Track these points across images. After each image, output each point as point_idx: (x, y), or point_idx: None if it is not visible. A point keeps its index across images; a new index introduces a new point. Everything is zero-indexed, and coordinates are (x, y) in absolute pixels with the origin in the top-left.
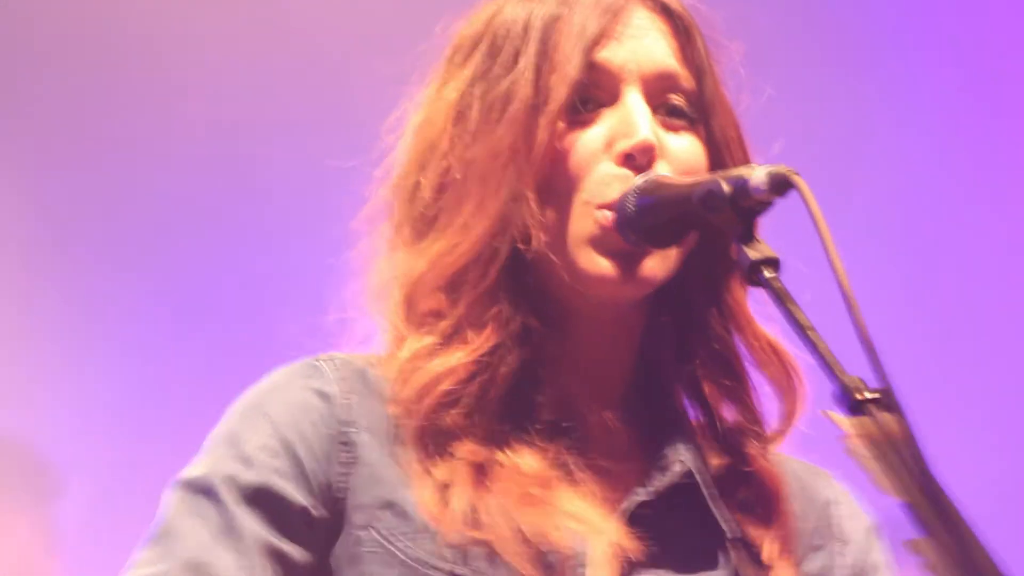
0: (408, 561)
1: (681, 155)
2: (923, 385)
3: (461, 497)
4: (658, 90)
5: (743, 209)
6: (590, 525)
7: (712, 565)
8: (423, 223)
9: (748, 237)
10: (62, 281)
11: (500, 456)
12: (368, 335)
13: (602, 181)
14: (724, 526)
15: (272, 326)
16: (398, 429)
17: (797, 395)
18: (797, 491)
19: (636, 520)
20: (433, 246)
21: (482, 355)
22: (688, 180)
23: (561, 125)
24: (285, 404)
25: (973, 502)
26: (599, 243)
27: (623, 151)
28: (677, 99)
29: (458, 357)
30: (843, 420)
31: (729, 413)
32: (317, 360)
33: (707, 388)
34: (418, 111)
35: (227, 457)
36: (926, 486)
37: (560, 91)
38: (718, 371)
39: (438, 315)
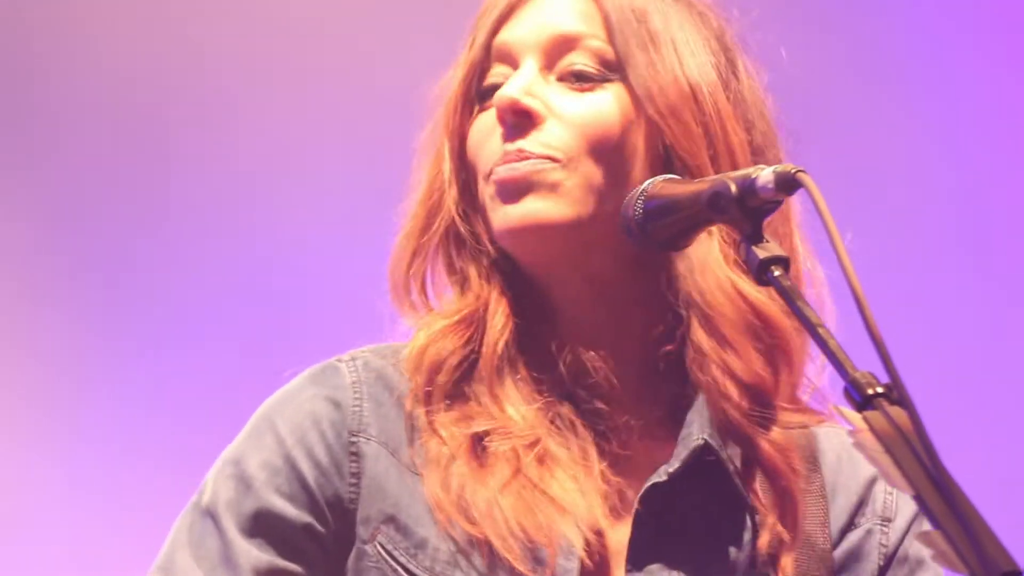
0: None
1: (577, 114)
2: (930, 379)
3: (458, 479)
4: (558, 55)
5: (751, 209)
6: (579, 515)
7: (730, 543)
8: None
9: (757, 237)
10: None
11: (509, 424)
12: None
13: (492, 151)
14: (751, 500)
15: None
16: (413, 423)
17: (792, 354)
18: (835, 465)
19: (653, 499)
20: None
21: (464, 321)
22: (695, 182)
23: (469, 110)
24: (293, 415)
25: (981, 494)
26: (495, 200)
27: (496, 118)
28: (581, 59)
29: (441, 325)
30: (853, 415)
31: (735, 391)
32: (339, 361)
33: (703, 372)
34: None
35: (230, 479)
36: (935, 478)
37: (458, 77)
38: (718, 343)
39: (421, 294)
